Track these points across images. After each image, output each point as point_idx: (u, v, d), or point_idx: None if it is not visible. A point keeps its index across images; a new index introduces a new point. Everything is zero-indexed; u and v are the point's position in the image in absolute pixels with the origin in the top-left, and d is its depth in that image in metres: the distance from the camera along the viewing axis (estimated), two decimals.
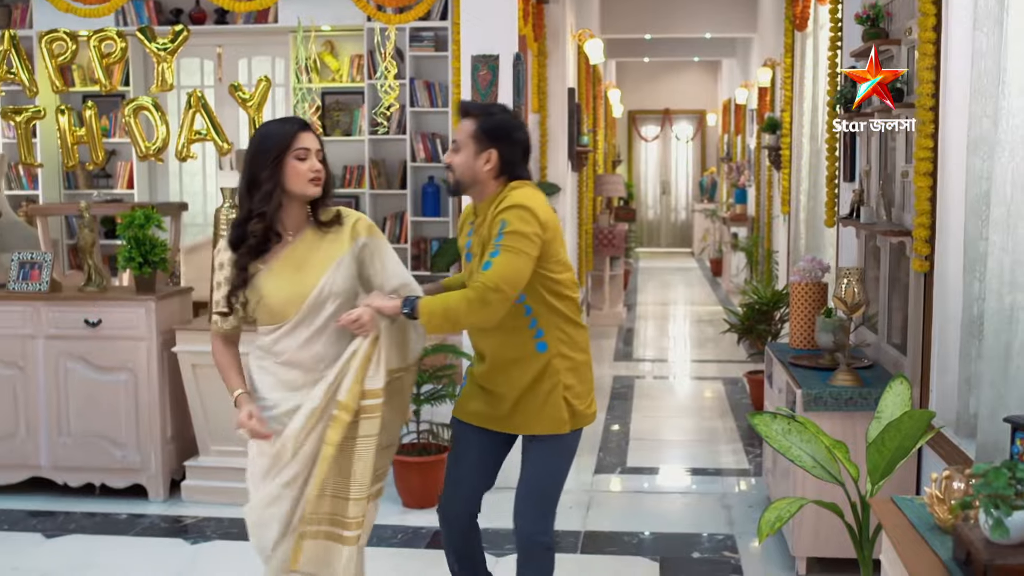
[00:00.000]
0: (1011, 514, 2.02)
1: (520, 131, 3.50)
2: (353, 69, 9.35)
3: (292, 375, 3.33)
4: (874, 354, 5.14)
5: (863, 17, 5.03)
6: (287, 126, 3.31)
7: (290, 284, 3.29)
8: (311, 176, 3.29)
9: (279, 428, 3.29)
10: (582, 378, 3.53)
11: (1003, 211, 3.38)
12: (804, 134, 8.08)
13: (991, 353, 3.44)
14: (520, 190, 3.39)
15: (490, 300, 3.19)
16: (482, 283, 3.20)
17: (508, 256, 3.23)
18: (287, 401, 3.32)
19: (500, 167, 3.42)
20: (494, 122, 3.44)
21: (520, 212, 3.28)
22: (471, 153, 3.42)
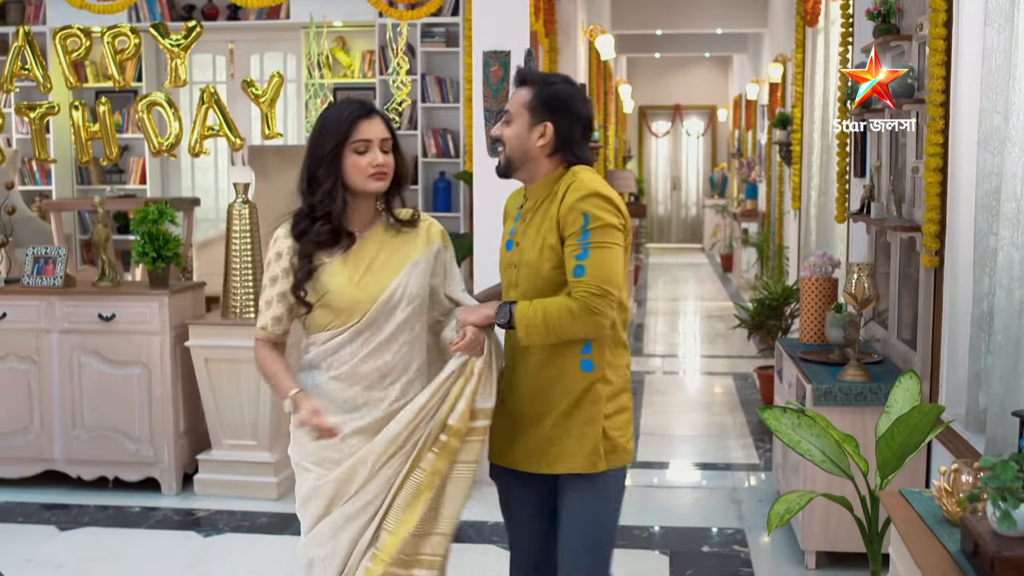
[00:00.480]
0: (1018, 506, 2.04)
1: (581, 104, 3.03)
2: (364, 65, 9.38)
3: (351, 392, 2.94)
4: (884, 349, 5.15)
5: (874, 13, 5.04)
6: (344, 113, 2.94)
7: (358, 283, 2.93)
8: (371, 171, 2.92)
9: (335, 456, 2.92)
10: (622, 407, 3.06)
11: (1013, 206, 3.40)
12: (815, 130, 8.08)
13: (1001, 348, 3.45)
14: (589, 174, 2.98)
15: (597, 307, 2.81)
16: (584, 291, 2.81)
17: (600, 254, 2.84)
18: (344, 425, 2.91)
19: (555, 143, 2.99)
20: (552, 91, 3.00)
21: (600, 201, 2.87)
22: (524, 125, 2.99)
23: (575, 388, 2.97)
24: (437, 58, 8.98)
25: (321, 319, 2.95)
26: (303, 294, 2.92)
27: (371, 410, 2.93)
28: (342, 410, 2.92)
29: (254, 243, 5.62)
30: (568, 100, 3.00)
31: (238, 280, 5.60)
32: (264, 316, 2.99)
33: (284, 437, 5.77)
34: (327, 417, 2.86)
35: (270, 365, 3.01)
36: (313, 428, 2.83)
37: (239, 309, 5.60)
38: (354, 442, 2.92)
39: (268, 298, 2.97)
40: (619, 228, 2.88)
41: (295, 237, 2.94)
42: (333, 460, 2.92)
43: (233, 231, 5.61)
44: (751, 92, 15.78)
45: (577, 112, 3.01)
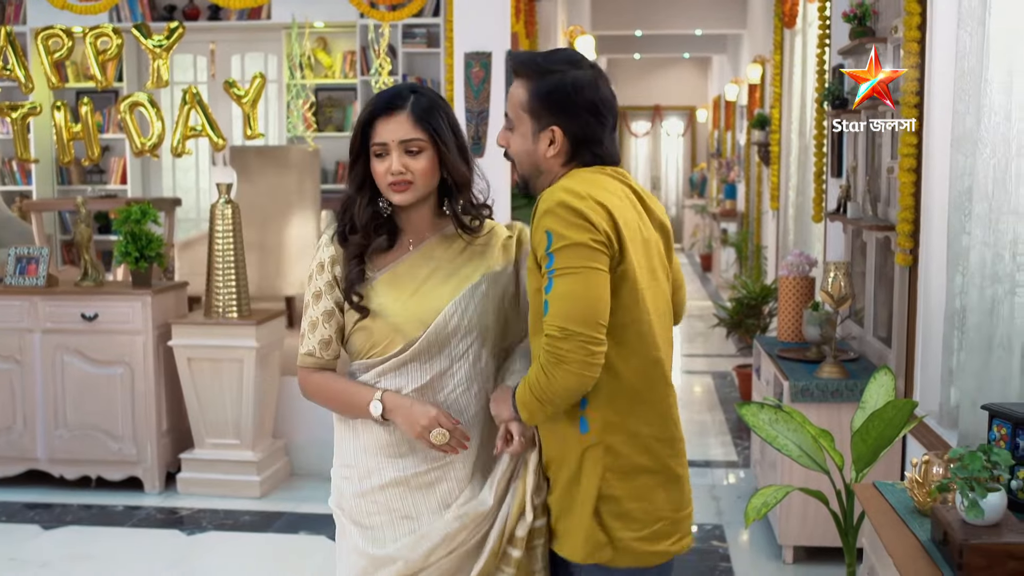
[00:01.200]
0: (986, 496, 2.11)
1: (593, 89, 2.33)
2: (346, 65, 9.41)
3: (394, 436, 2.46)
4: (860, 347, 5.22)
5: (850, 16, 5.11)
6: (367, 108, 2.46)
7: (406, 303, 2.44)
8: (389, 180, 2.42)
9: (371, 509, 2.47)
10: (639, 492, 2.32)
11: (985, 206, 3.46)
12: (793, 130, 8.16)
13: (973, 345, 3.51)
14: (572, 177, 2.32)
15: (561, 354, 2.16)
16: (547, 336, 2.20)
17: (566, 283, 2.18)
18: (386, 470, 2.46)
19: (570, 150, 2.34)
20: (552, 83, 2.31)
21: (564, 214, 2.20)
22: (528, 132, 2.36)
23: (572, 453, 2.35)
24: (418, 59, 9.01)
25: (360, 344, 2.50)
26: (357, 299, 2.45)
27: (417, 461, 2.45)
28: (387, 453, 2.46)
29: (237, 243, 5.65)
30: (574, 89, 2.31)
31: (221, 280, 5.63)
32: (309, 340, 2.51)
33: (266, 436, 5.81)
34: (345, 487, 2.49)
35: (331, 384, 2.52)
36: (430, 437, 2.37)
37: (222, 308, 5.62)
38: (393, 494, 2.46)
39: (312, 319, 2.51)
40: (592, 245, 2.19)
41: (339, 242, 2.50)
42: (367, 512, 2.48)
43: (216, 231, 5.63)
44: (730, 93, 15.87)
45: (592, 102, 2.33)
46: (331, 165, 9.49)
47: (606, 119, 2.34)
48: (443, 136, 2.43)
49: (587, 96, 2.31)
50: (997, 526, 2.14)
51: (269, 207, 7.72)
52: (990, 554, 2.08)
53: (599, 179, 2.32)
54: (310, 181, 8.11)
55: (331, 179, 9.56)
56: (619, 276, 2.24)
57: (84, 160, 6.23)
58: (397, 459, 2.45)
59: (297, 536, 5.13)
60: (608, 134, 2.36)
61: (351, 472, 2.50)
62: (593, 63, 2.37)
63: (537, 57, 2.36)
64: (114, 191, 9.41)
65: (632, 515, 2.31)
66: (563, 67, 2.32)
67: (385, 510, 2.45)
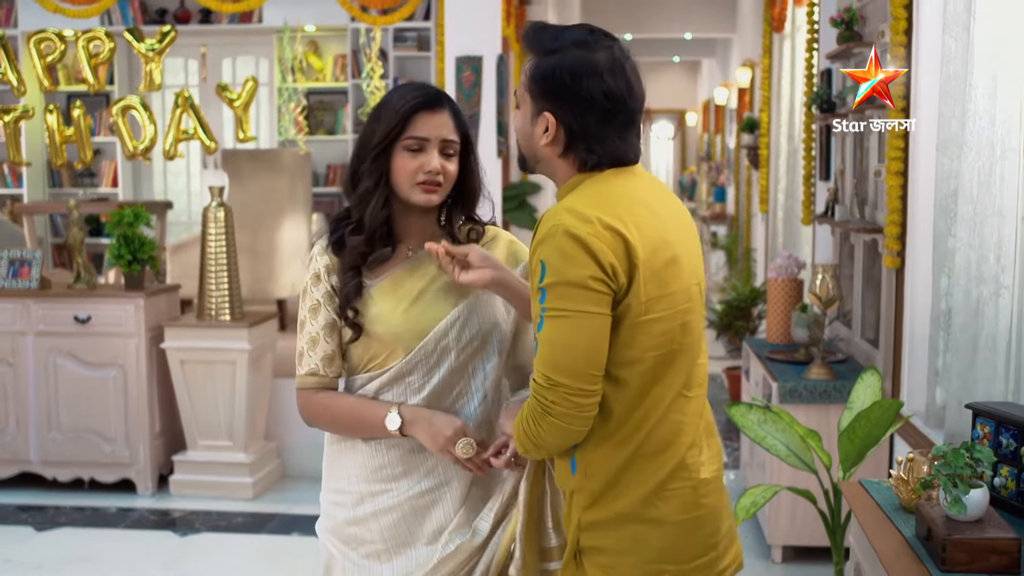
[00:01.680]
0: (968, 492, 2.15)
1: (596, 77, 2.02)
2: (337, 69, 9.45)
3: (387, 457, 2.31)
4: (848, 348, 5.27)
5: (838, 20, 5.16)
6: (405, 98, 2.27)
7: (405, 311, 2.29)
8: (420, 179, 2.26)
9: (366, 536, 2.33)
10: (627, 544, 2.05)
11: (970, 209, 3.51)
12: (782, 134, 8.22)
13: (958, 345, 3.56)
14: (582, 190, 2.03)
15: (548, 405, 1.94)
16: (534, 383, 1.98)
17: (555, 327, 1.94)
18: (380, 496, 2.32)
19: (566, 140, 2.05)
20: (552, 68, 2.03)
21: (564, 244, 1.93)
22: (527, 114, 2.10)
23: (564, 493, 2.14)
24: (409, 62, 9.05)
25: (358, 356, 2.34)
26: (352, 314, 2.29)
27: (411, 483, 2.30)
28: (372, 480, 2.32)
29: (229, 246, 5.68)
30: (572, 75, 2.01)
31: (213, 282, 5.66)
32: (310, 359, 2.33)
33: (259, 438, 5.84)
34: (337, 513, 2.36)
35: (337, 403, 2.33)
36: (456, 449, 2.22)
37: (214, 311, 5.65)
38: (388, 521, 2.31)
39: (312, 335, 2.32)
40: (589, 286, 1.92)
41: (333, 250, 2.34)
42: (361, 541, 2.34)
43: (208, 234, 5.66)
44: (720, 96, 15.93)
45: (589, 92, 2.01)
46: (322, 168, 9.53)
47: (612, 114, 2.02)
48: (472, 144, 2.35)
49: (587, 85, 2.00)
50: (980, 521, 2.19)
51: (261, 210, 7.74)
52: (972, 549, 2.12)
53: (620, 187, 2.03)
54: (302, 184, 8.14)
55: (322, 182, 9.60)
56: (620, 311, 1.96)
57: (76, 163, 6.26)
58: (391, 482, 2.30)
59: (290, 537, 5.15)
60: (614, 130, 2.03)
61: (344, 498, 2.35)
62: (617, 48, 2.07)
63: (545, 33, 2.08)
64: (105, 194, 9.44)
65: (622, 568, 2.04)
66: (568, 47, 2.03)
67: (380, 538, 2.31)
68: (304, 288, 2.34)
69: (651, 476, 2.03)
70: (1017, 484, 2.49)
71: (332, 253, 2.33)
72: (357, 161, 2.31)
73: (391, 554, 2.29)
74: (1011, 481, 2.50)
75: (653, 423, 2.02)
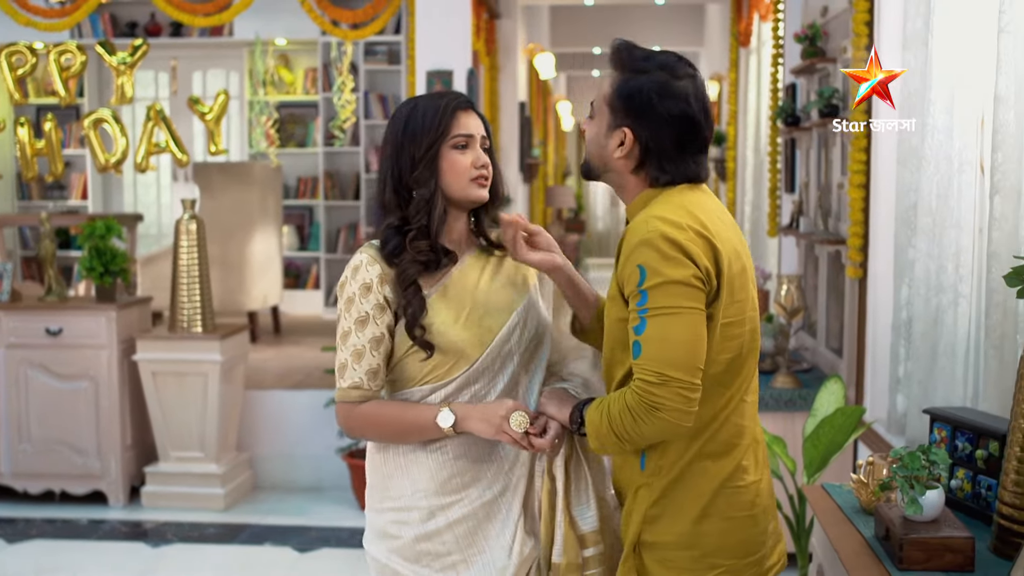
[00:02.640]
0: (924, 493, 2.23)
1: (682, 105, 2.13)
2: (307, 82, 9.50)
3: (455, 467, 2.29)
4: (813, 357, 5.36)
5: (802, 36, 5.26)
6: (440, 103, 2.31)
7: (466, 320, 2.28)
8: (474, 174, 2.30)
9: (440, 550, 2.28)
10: (687, 539, 2.16)
11: (929, 220, 3.59)
12: (748, 147, 8.32)
13: (919, 353, 3.64)
14: (663, 201, 2.14)
15: (657, 401, 2.01)
16: (640, 379, 2.03)
17: (661, 324, 2.02)
18: (453, 507, 2.28)
19: (640, 156, 2.16)
20: (637, 85, 2.14)
21: (663, 247, 2.03)
22: (603, 126, 2.20)
23: (629, 488, 2.24)
24: (380, 76, 9.11)
25: (415, 369, 2.29)
26: (421, 333, 2.25)
27: (480, 490, 2.29)
28: (442, 492, 2.28)
29: (201, 258, 5.71)
30: (659, 96, 2.13)
31: (185, 294, 5.68)
32: (355, 372, 2.27)
33: (230, 449, 5.87)
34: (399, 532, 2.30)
35: (383, 411, 2.29)
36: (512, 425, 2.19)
37: (186, 323, 5.68)
38: (462, 531, 2.28)
39: (357, 347, 2.26)
40: (690, 284, 2.03)
41: (387, 260, 2.28)
42: (435, 555, 2.29)
43: (180, 246, 5.69)
44: None
45: (670, 114, 2.13)
46: (293, 181, 9.57)
47: (690, 136, 2.14)
48: (494, 145, 2.41)
49: (669, 107, 2.12)
50: (936, 522, 2.26)
51: (232, 223, 7.77)
52: (928, 548, 2.20)
53: (695, 200, 2.14)
54: (272, 197, 8.18)
55: (293, 195, 9.64)
56: (709, 312, 2.07)
57: (47, 176, 6.27)
58: (461, 492, 2.28)
59: (262, 547, 5.18)
60: (687, 153, 2.16)
61: (410, 515, 2.28)
62: (699, 77, 2.19)
63: (635, 52, 2.20)
64: (75, 207, 9.43)
65: (680, 562, 2.15)
66: (655, 70, 2.14)
67: (456, 548, 2.27)
68: (348, 298, 2.27)
69: (714, 476, 2.14)
70: (972, 486, 2.57)
71: (384, 262, 2.27)
72: (401, 172, 2.29)
73: (468, 564, 2.27)
74: (967, 483, 2.58)
75: (719, 425, 2.14)
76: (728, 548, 2.15)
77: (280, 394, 6.21)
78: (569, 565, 2.26)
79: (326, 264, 9.51)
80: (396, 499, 2.30)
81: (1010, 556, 2.22)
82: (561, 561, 2.25)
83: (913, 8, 3.66)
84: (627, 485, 2.22)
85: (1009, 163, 2.88)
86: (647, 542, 2.17)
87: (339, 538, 5.25)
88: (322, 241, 9.49)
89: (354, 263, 2.29)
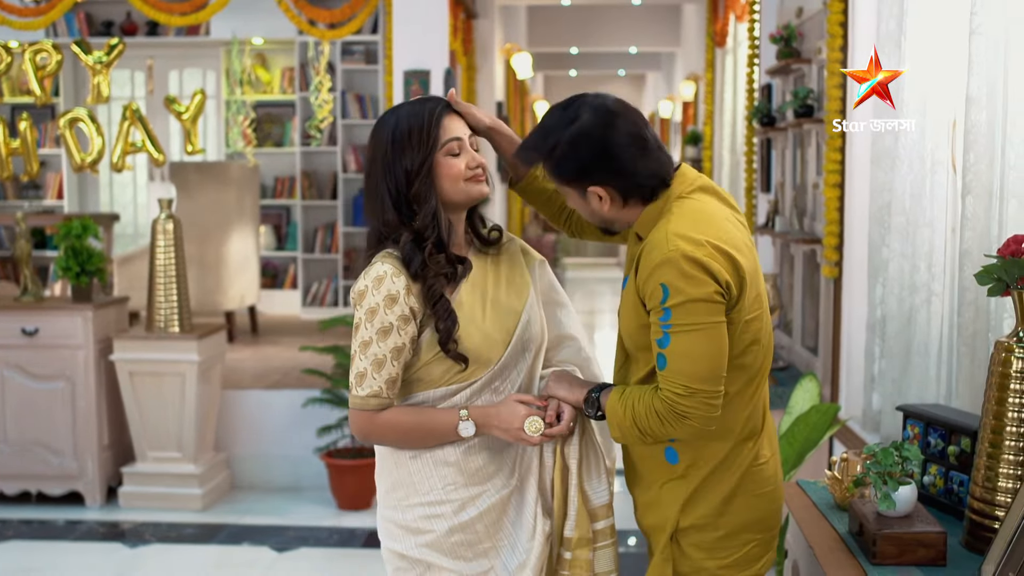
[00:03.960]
0: (897, 488, 2.26)
1: (605, 139, 2.19)
2: (284, 81, 9.48)
3: (480, 459, 2.37)
4: (789, 356, 5.40)
5: (777, 37, 5.31)
6: (425, 109, 2.34)
7: (483, 322, 2.35)
8: (470, 175, 2.34)
9: (472, 540, 2.35)
10: (725, 520, 2.29)
11: (902, 220, 3.63)
12: (724, 147, 8.37)
13: (893, 351, 3.68)
14: (678, 215, 2.19)
15: (686, 411, 2.13)
16: (668, 390, 2.15)
17: (685, 340, 2.12)
18: (484, 496, 2.36)
19: (621, 194, 2.25)
20: (559, 157, 2.23)
21: (684, 266, 2.11)
22: (577, 199, 2.30)
23: (655, 481, 2.35)
24: (357, 75, 9.11)
25: (440, 372, 2.34)
26: (454, 346, 2.30)
27: (504, 479, 2.38)
28: (471, 484, 2.35)
29: (178, 257, 5.70)
30: (584, 151, 2.21)
31: (162, 294, 5.67)
32: (374, 381, 2.29)
33: (208, 449, 5.86)
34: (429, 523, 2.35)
35: (403, 419, 2.33)
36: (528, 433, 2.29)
37: (163, 323, 5.67)
38: (490, 520, 2.36)
39: (379, 356, 2.28)
40: (711, 300, 2.12)
41: (412, 276, 2.30)
42: (468, 544, 2.35)
43: (157, 246, 5.67)
44: (664, 110, 16.13)
45: (603, 152, 2.20)
46: (270, 181, 9.55)
47: (631, 150, 2.20)
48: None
49: (598, 148, 2.19)
50: (908, 517, 2.29)
51: (209, 222, 7.75)
52: (901, 543, 2.22)
53: (704, 209, 2.22)
54: (249, 197, 8.16)
55: (270, 194, 9.62)
56: (731, 317, 2.17)
57: (23, 175, 6.24)
58: (487, 482, 2.35)
59: (240, 547, 5.18)
60: (651, 155, 2.22)
61: (442, 509, 2.34)
62: (590, 98, 2.25)
63: (535, 139, 2.28)
64: (51, 207, 9.39)
65: (715, 543, 2.28)
66: (560, 133, 2.21)
67: (486, 535, 2.35)
68: (371, 308, 2.27)
69: (746, 458, 2.29)
70: (945, 482, 2.60)
71: (409, 275, 2.29)
72: (400, 187, 2.32)
73: (497, 549, 2.35)
74: (939, 479, 2.62)
75: (749, 412, 2.29)
76: (757, 522, 2.30)
77: (258, 394, 6.21)
78: (580, 539, 2.36)
79: (303, 264, 9.50)
80: (424, 495, 2.35)
81: (981, 550, 2.25)
82: (573, 535, 2.36)
83: (887, 10, 3.69)
84: (651, 478, 2.34)
85: (981, 163, 2.91)
86: (685, 527, 2.29)
87: (317, 538, 5.25)
88: (299, 241, 9.48)
89: (376, 273, 2.29)
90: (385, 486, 2.43)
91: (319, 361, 6.37)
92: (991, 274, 2.25)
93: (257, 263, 8.40)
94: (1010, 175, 2.79)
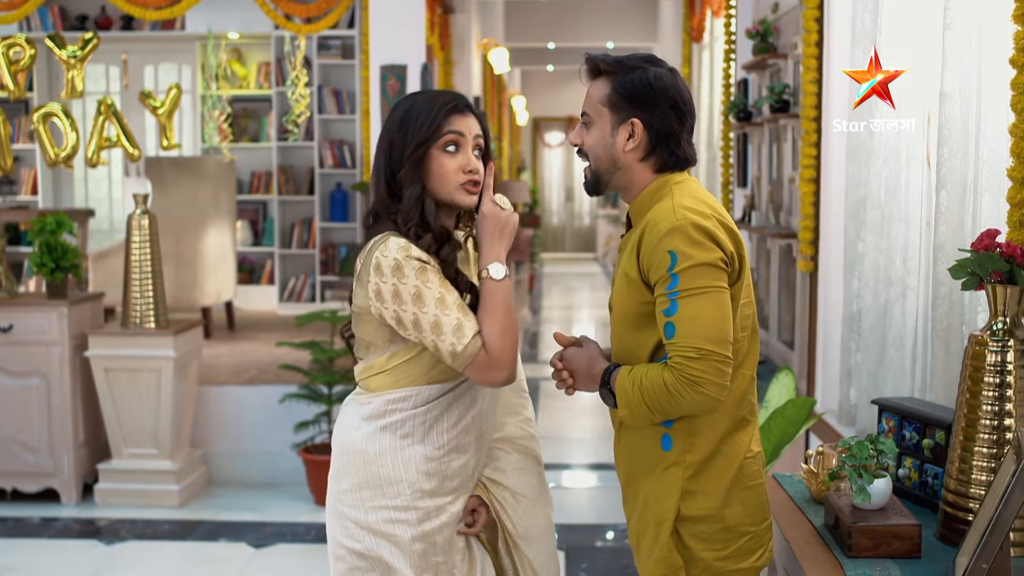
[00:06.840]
0: (872, 481, 2.27)
1: (674, 91, 2.29)
2: (260, 76, 9.44)
3: (459, 461, 2.41)
4: (766, 350, 5.42)
5: (753, 32, 5.32)
6: (438, 102, 2.34)
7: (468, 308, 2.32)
8: (463, 179, 2.33)
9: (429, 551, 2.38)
10: (720, 510, 2.28)
11: (877, 214, 3.66)
12: (701, 142, 8.39)
13: (868, 346, 3.71)
14: (685, 190, 2.27)
15: (697, 376, 2.11)
16: (678, 356, 2.13)
17: (694, 303, 2.14)
18: (440, 514, 2.39)
19: (648, 145, 2.29)
20: (637, 78, 2.28)
21: (693, 234, 2.16)
22: (606, 126, 2.31)
23: (651, 471, 2.32)
24: (333, 70, 9.08)
25: (425, 366, 2.35)
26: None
27: (469, 485, 2.46)
28: (436, 494, 2.38)
29: (154, 253, 5.67)
30: (658, 84, 2.28)
31: (138, 290, 5.64)
32: (469, 323, 2.25)
33: (184, 445, 5.83)
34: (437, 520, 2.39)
35: (497, 324, 2.28)
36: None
37: (139, 319, 5.64)
38: (446, 536, 2.41)
39: (458, 302, 2.27)
40: (717, 265, 2.16)
41: (434, 252, 2.31)
42: (428, 555, 2.38)
43: (133, 241, 5.64)
44: None
45: (672, 98, 2.28)
46: (246, 176, 9.50)
47: (685, 117, 2.30)
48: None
49: (668, 92, 2.28)
50: (883, 510, 2.31)
51: (185, 218, 7.71)
52: (876, 535, 2.24)
53: (703, 192, 2.30)
54: (226, 192, 8.12)
55: (246, 189, 9.58)
56: (732, 293, 2.21)
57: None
58: (449, 495, 2.39)
59: (217, 544, 5.16)
60: (686, 134, 2.32)
61: (408, 515, 2.34)
62: (673, 69, 2.34)
63: (614, 56, 2.35)
64: (25, 202, 9.31)
65: (714, 535, 2.27)
66: (644, 64, 2.30)
67: (442, 551, 2.39)
68: (418, 269, 2.24)
69: (741, 448, 2.29)
70: (919, 474, 2.62)
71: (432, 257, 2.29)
72: (389, 170, 2.33)
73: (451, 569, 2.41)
74: (914, 472, 2.64)
75: (740, 400, 2.29)
76: (751, 514, 2.30)
77: (234, 390, 6.19)
78: None
79: (280, 259, 9.47)
80: (393, 498, 2.34)
81: (955, 543, 2.27)
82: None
83: (862, 5, 3.71)
84: (646, 467, 2.32)
85: (955, 158, 2.94)
86: (684, 517, 2.27)
87: (295, 533, 5.24)
88: (276, 236, 9.45)
89: (399, 243, 2.25)
90: (347, 484, 2.39)
91: (296, 357, 6.35)
92: (965, 268, 2.27)
93: (234, 259, 8.37)
94: (984, 169, 2.81)
